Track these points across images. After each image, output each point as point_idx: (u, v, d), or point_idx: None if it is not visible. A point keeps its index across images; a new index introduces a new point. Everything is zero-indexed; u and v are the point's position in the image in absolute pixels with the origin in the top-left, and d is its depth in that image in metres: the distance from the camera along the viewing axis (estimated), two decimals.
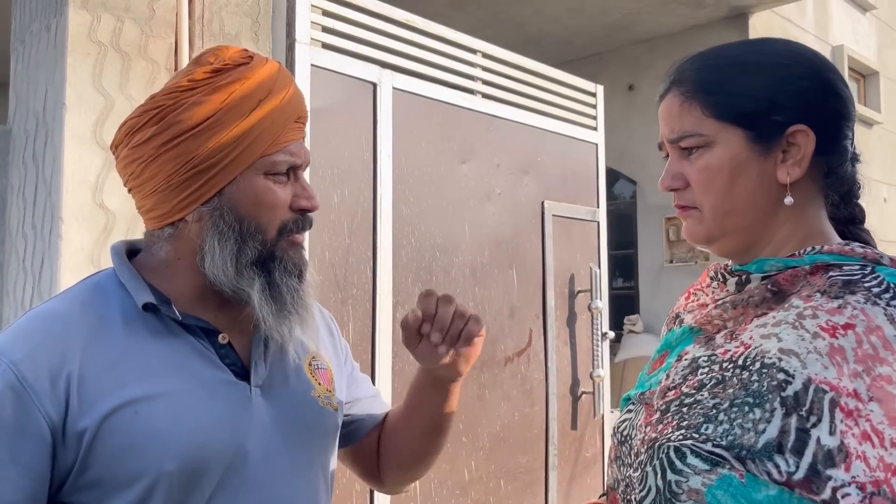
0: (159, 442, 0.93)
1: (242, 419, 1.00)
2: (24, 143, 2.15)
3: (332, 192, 2.42)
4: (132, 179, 1.03)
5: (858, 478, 0.74)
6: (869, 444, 0.75)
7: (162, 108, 0.98)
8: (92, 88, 1.96)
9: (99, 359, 0.94)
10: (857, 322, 0.79)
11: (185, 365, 0.99)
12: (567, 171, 3.34)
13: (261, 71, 1.02)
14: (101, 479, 0.92)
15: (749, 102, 0.89)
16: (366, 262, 2.52)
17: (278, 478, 1.03)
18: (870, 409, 0.75)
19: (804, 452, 0.77)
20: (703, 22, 6.94)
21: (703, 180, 0.92)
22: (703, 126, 0.91)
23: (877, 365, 0.77)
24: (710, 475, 0.80)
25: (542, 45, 7.07)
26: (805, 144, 0.89)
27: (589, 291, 3.37)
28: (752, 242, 0.94)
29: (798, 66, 0.91)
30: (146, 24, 2.05)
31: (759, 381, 0.82)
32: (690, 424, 0.84)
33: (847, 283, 0.84)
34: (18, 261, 2.13)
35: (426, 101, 2.76)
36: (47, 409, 0.90)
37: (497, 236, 3.01)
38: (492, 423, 2.92)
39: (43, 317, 0.97)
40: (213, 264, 1.00)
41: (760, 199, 0.91)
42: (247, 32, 2.24)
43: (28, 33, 2.19)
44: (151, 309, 0.99)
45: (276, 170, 1.01)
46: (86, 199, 1.93)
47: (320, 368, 1.14)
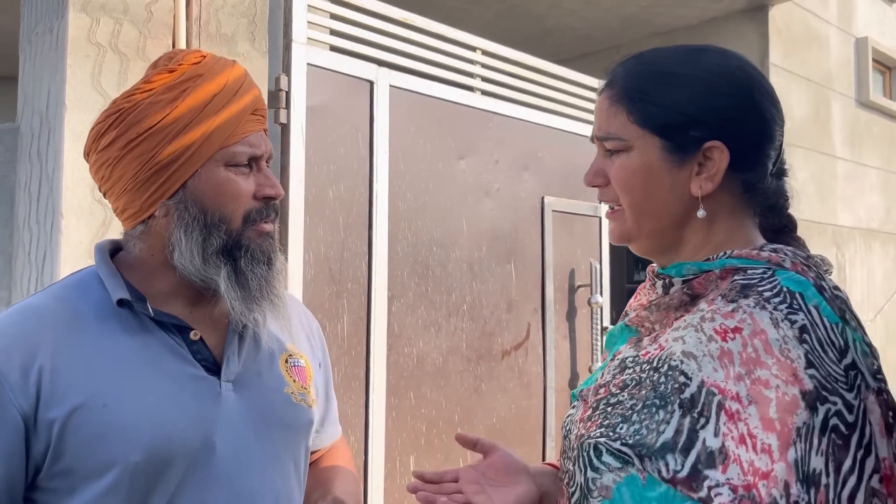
0: (126, 433, 0.98)
1: (210, 413, 1.04)
2: (30, 141, 2.24)
3: (328, 188, 2.48)
4: (104, 183, 1.09)
5: (732, 480, 0.77)
6: (744, 447, 0.77)
7: (122, 111, 1.04)
8: (91, 88, 2.03)
9: (71, 352, 1.00)
10: (745, 326, 0.82)
11: (156, 360, 1.04)
12: (568, 167, 3.36)
13: (213, 69, 1.07)
14: (72, 468, 0.98)
15: (669, 115, 0.92)
16: (361, 257, 2.58)
17: (248, 470, 1.06)
18: (748, 412, 0.78)
19: (690, 452, 0.80)
20: (722, 14, 6.89)
21: (620, 181, 0.95)
22: (624, 130, 0.94)
23: (757, 368, 0.79)
24: (620, 473, 0.85)
25: (560, 39, 7.07)
26: (719, 160, 0.91)
27: (589, 286, 3.40)
28: (666, 246, 0.97)
29: (725, 83, 0.93)
30: (144, 26, 2.12)
31: (664, 384, 0.85)
32: (610, 424, 0.88)
33: (744, 288, 0.86)
34: (25, 253, 2.22)
35: (424, 99, 2.81)
36: (19, 398, 0.96)
37: (495, 231, 3.05)
38: (488, 416, 2.97)
39: (21, 311, 1.03)
40: (181, 255, 1.04)
41: (673, 207, 0.94)
42: (243, 33, 2.31)
43: (34, 34, 2.27)
44: (126, 305, 1.04)
45: (235, 161, 1.06)
46: (85, 195, 2.01)
47: (296, 366, 1.18)
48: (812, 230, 6.56)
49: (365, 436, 2.54)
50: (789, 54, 7.10)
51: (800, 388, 0.77)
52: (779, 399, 0.77)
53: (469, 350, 2.91)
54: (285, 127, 2.39)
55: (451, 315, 2.86)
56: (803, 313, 0.81)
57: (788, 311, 0.81)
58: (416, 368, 2.73)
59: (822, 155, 7.38)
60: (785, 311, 0.81)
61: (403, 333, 2.69)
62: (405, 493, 2.68)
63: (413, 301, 2.74)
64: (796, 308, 0.82)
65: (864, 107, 8.40)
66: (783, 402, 0.77)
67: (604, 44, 7.50)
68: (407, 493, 2.68)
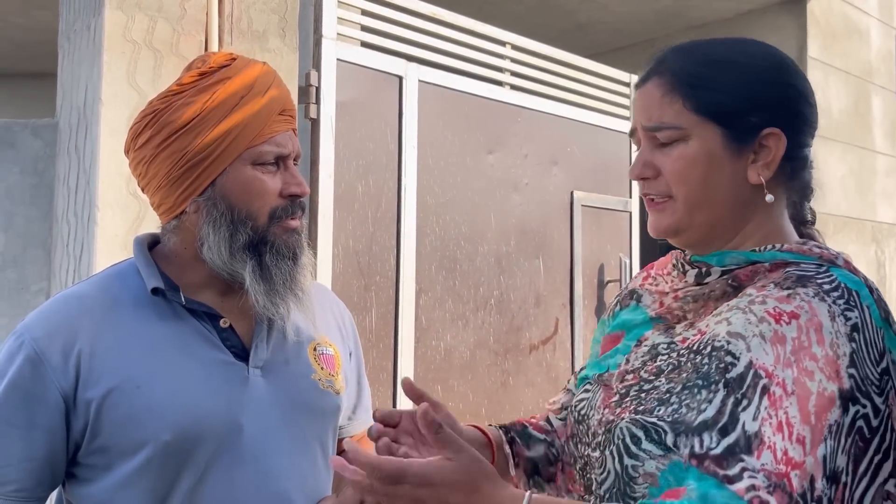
0: (157, 414, 1.04)
1: (238, 396, 1.09)
2: (69, 136, 2.30)
3: (357, 182, 2.51)
4: (141, 179, 1.15)
5: (766, 466, 0.78)
6: (780, 435, 0.78)
7: (156, 111, 1.09)
8: (126, 85, 2.09)
9: (109, 337, 1.06)
10: (802, 313, 0.82)
11: (187, 346, 1.09)
12: (598, 162, 3.35)
13: (243, 70, 1.11)
14: (108, 445, 1.04)
15: (731, 101, 0.91)
16: (389, 251, 2.60)
17: (274, 451, 1.11)
18: (790, 401, 0.79)
19: (728, 433, 0.80)
20: (759, 7, 6.78)
21: (677, 171, 0.92)
22: (681, 119, 0.91)
23: (806, 358, 0.80)
24: (663, 460, 0.85)
25: (593, 33, 7.02)
26: (776, 147, 0.91)
27: (618, 281, 3.39)
28: (717, 236, 0.95)
29: (779, 71, 0.93)
30: (178, 23, 2.17)
31: (708, 364, 0.85)
32: (646, 409, 0.88)
33: (801, 278, 0.86)
34: (63, 245, 2.28)
35: (453, 94, 2.82)
36: (60, 380, 1.03)
37: (524, 226, 3.05)
38: (515, 409, 2.98)
39: (65, 299, 1.11)
40: (209, 249, 1.10)
41: (731, 196, 0.93)
42: (274, 29, 2.34)
43: (72, 31, 2.33)
44: (160, 293, 1.10)
45: (263, 160, 1.10)
46: (120, 188, 2.06)
47: (324, 354, 1.22)
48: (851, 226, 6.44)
49: None
50: (828, 47, 6.97)
51: (839, 385, 0.78)
52: (819, 393, 0.78)
53: (496, 344, 2.93)
54: (315, 122, 2.42)
55: (478, 309, 2.87)
56: (857, 311, 0.82)
57: (846, 306, 0.82)
58: (444, 361, 2.75)
59: (861, 150, 7.24)
60: (843, 306, 0.82)
61: (431, 327, 2.72)
62: None
63: (441, 295, 2.76)
64: (853, 305, 0.82)
65: None
66: (822, 396, 0.78)
67: (637, 38, 7.43)
68: None
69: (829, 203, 6.08)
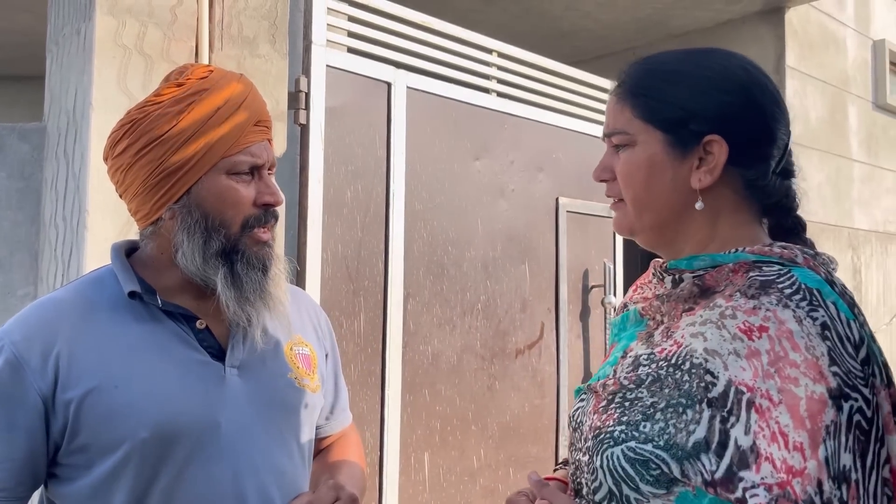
0: (134, 412, 1.07)
1: (215, 394, 1.12)
2: (57, 140, 2.29)
3: (346, 188, 2.53)
4: (119, 186, 1.18)
5: (766, 479, 0.79)
6: (776, 445, 0.79)
7: (134, 121, 1.13)
8: (117, 89, 2.09)
9: (86, 339, 1.09)
10: (770, 325, 0.83)
11: (164, 346, 1.12)
12: (582, 168, 3.39)
13: (219, 83, 1.14)
14: (88, 444, 1.07)
15: (670, 109, 0.96)
16: (378, 256, 2.62)
17: (252, 448, 1.14)
18: (779, 410, 0.80)
19: (724, 453, 0.82)
20: (738, 16, 6.88)
21: (624, 174, 0.98)
22: (630, 125, 0.98)
23: (786, 367, 0.81)
24: (668, 496, 0.87)
25: (576, 41, 7.09)
26: (718, 154, 0.94)
27: (603, 287, 3.43)
28: (669, 239, 0.99)
29: (724, 80, 0.96)
30: (168, 29, 2.17)
31: (689, 382, 0.87)
32: (630, 420, 0.90)
33: (763, 284, 0.88)
34: (51, 250, 2.28)
35: (440, 100, 2.85)
36: (38, 382, 1.06)
37: (510, 231, 3.08)
38: (501, 413, 3.01)
39: (42, 304, 1.14)
40: (183, 255, 1.13)
41: (674, 200, 0.96)
42: (264, 35, 2.36)
43: (61, 36, 2.33)
44: (137, 297, 1.12)
45: (237, 169, 1.14)
46: (110, 193, 2.06)
47: (301, 353, 1.26)
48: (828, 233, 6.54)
49: (380, 432, 2.58)
50: (805, 57, 7.09)
51: (826, 385, 0.79)
52: (808, 397, 0.79)
53: (483, 349, 2.95)
54: (304, 128, 2.43)
55: (465, 314, 2.89)
56: (823, 309, 0.84)
57: (810, 308, 0.83)
58: (431, 366, 2.76)
59: (838, 157, 7.35)
60: (806, 308, 0.83)
61: (419, 331, 2.73)
62: (420, 488, 2.72)
63: (428, 299, 2.77)
64: (816, 304, 0.84)
65: (880, 109, 8.36)
66: (812, 400, 0.79)
67: (619, 46, 7.51)
68: (421, 486, 2.73)
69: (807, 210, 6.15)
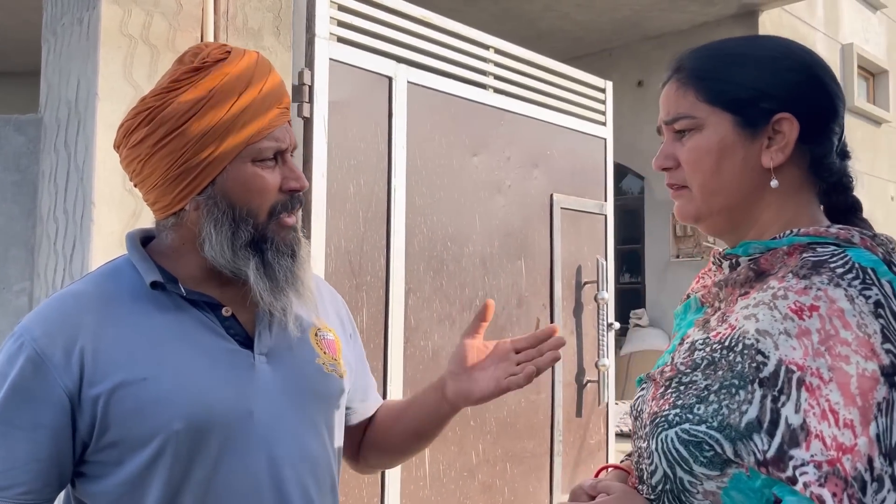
0: (166, 404, 1.03)
1: (245, 383, 1.09)
2: (56, 131, 2.24)
3: (349, 182, 2.51)
4: (135, 176, 1.12)
5: (816, 456, 0.79)
6: (826, 422, 0.79)
7: (151, 109, 1.06)
8: (123, 80, 2.05)
9: (110, 332, 1.05)
10: (821, 304, 0.83)
11: (190, 336, 1.08)
12: (576, 165, 3.41)
13: (239, 64, 1.08)
14: (118, 440, 1.03)
15: (739, 90, 0.95)
16: (380, 251, 2.61)
17: (285, 437, 1.11)
18: (829, 388, 0.79)
19: (775, 432, 0.82)
20: (713, 19, 6.99)
21: (692, 160, 0.97)
22: (695, 109, 0.96)
23: (837, 345, 0.81)
24: (722, 478, 0.87)
25: (553, 41, 7.14)
26: (789, 132, 0.94)
27: (596, 283, 3.46)
28: (737, 223, 0.99)
29: (789, 60, 0.97)
30: (174, 19, 2.14)
31: (741, 363, 0.87)
32: (685, 404, 0.90)
33: (815, 265, 0.87)
34: (50, 244, 2.22)
35: (440, 95, 2.85)
36: (63, 379, 1.01)
37: (507, 227, 3.09)
38: (499, 409, 3.01)
39: (62, 298, 1.09)
40: (211, 248, 1.08)
41: (745, 181, 0.96)
42: (269, 27, 2.33)
43: (60, 25, 2.28)
44: (159, 287, 1.08)
45: (262, 156, 1.09)
46: (116, 185, 2.03)
47: (325, 339, 1.23)
48: None
49: None
50: None
51: (878, 363, 0.79)
52: (859, 375, 0.79)
53: None
54: (308, 121, 2.41)
55: (464, 309, 2.89)
56: (877, 288, 0.83)
57: (862, 286, 0.83)
58: (432, 361, 2.76)
59: None
60: (859, 286, 0.83)
61: (420, 327, 2.73)
62: (420, 484, 2.72)
63: (429, 295, 2.77)
64: (869, 283, 0.84)
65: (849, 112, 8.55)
66: (863, 377, 0.79)
67: (595, 47, 7.58)
68: (422, 482, 2.72)
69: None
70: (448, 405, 1.24)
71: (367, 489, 2.54)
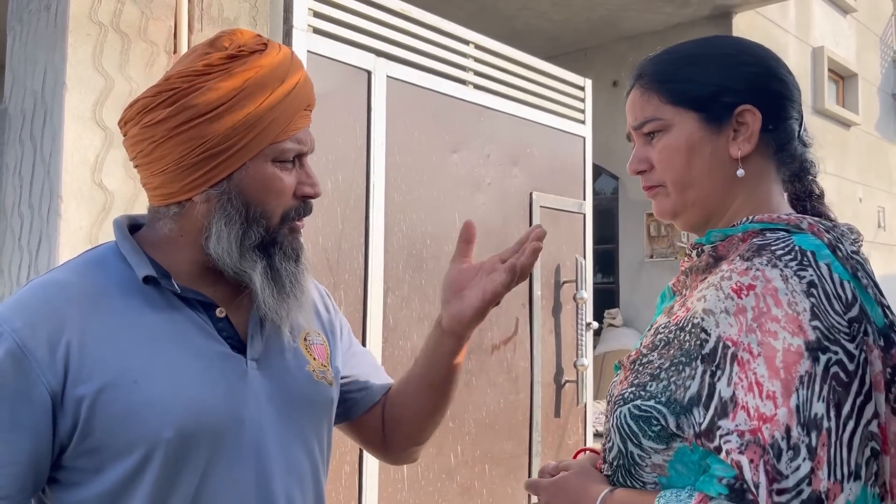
0: (157, 410, 0.96)
1: (238, 390, 1.03)
2: (21, 123, 2.15)
3: (327, 177, 2.45)
4: (140, 157, 1.04)
5: (740, 426, 0.83)
6: (751, 394, 0.83)
7: (177, 90, 1.00)
8: (92, 69, 1.97)
9: (98, 328, 0.97)
10: (758, 283, 0.88)
11: (183, 336, 1.02)
12: (555, 164, 3.38)
13: (274, 59, 1.03)
14: (101, 445, 0.95)
15: (700, 88, 1.00)
16: (358, 248, 2.55)
17: (275, 447, 1.06)
18: (757, 362, 0.84)
19: (710, 405, 0.86)
20: (687, 20, 7.02)
21: (664, 160, 1.02)
22: (661, 111, 1.02)
23: (768, 321, 0.85)
24: (668, 452, 0.91)
25: (529, 40, 7.12)
26: (753, 122, 0.99)
27: (574, 282, 3.43)
28: (710, 214, 1.03)
29: (744, 55, 1.02)
30: (146, 6, 2.07)
31: (689, 341, 0.91)
32: (640, 382, 0.94)
33: (759, 248, 0.92)
34: (14, 239, 2.13)
35: (419, 91, 2.79)
36: (47, 375, 0.93)
37: (486, 226, 3.05)
38: (478, 409, 2.97)
39: (44, 286, 1.00)
40: (217, 245, 1.02)
41: (716, 173, 1.01)
42: (245, 17, 2.26)
43: (26, 12, 2.19)
44: (151, 282, 1.01)
45: (284, 157, 1.04)
46: (85, 178, 1.95)
47: (315, 344, 1.17)
48: None
49: None
50: None
51: (804, 338, 0.83)
52: (785, 349, 0.83)
53: None
54: None
55: None
56: (812, 269, 0.87)
57: (798, 267, 0.88)
58: (411, 361, 2.69)
59: None
60: (795, 267, 0.88)
61: (398, 326, 2.67)
62: (398, 486, 2.66)
63: (408, 294, 2.72)
64: (805, 265, 0.88)
65: (819, 114, 8.66)
66: (788, 352, 0.83)
67: (572, 46, 7.59)
68: (400, 485, 2.67)
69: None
70: (448, 337, 1.19)
71: (345, 492, 2.48)
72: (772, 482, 0.80)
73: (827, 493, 0.79)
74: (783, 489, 0.79)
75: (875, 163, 10.08)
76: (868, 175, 9.85)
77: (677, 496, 0.88)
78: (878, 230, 10.01)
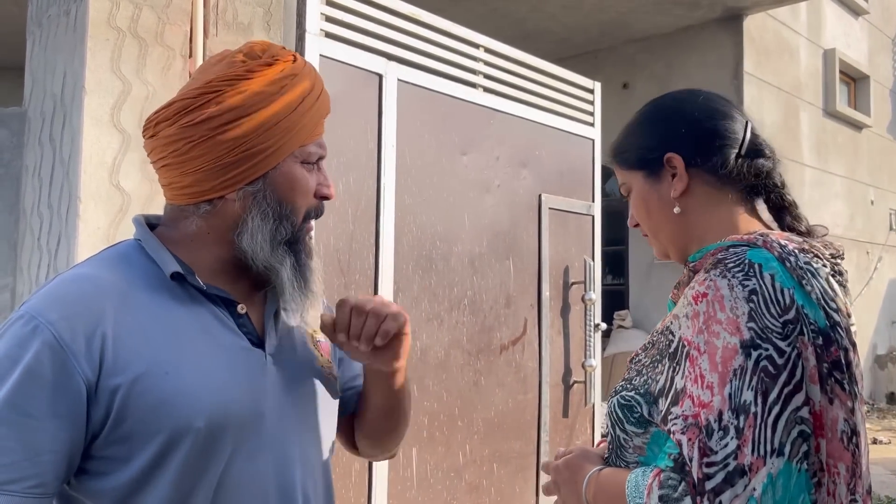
0: (189, 400, 1.00)
1: (259, 383, 1.08)
2: (41, 125, 2.20)
3: (338, 179, 2.49)
4: (174, 156, 1.08)
5: (685, 412, 0.98)
6: (696, 385, 0.98)
7: (221, 91, 1.05)
8: (110, 73, 2.02)
9: (130, 320, 1.01)
10: (710, 291, 1.02)
11: (208, 331, 1.06)
12: (564, 166, 3.41)
13: (304, 68, 1.12)
14: (133, 434, 0.99)
15: (638, 152, 1.21)
16: (368, 249, 2.59)
17: (292, 439, 1.11)
18: (703, 358, 0.99)
19: (669, 395, 1.02)
20: (698, 23, 7.03)
21: (634, 214, 1.23)
22: (623, 177, 1.24)
23: (713, 324, 0.99)
24: (646, 436, 1.07)
25: (539, 42, 7.14)
26: (679, 165, 1.16)
27: (583, 283, 3.46)
28: (684, 246, 1.19)
29: (660, 112, 1.21)
30: (163, 12, 2.11)
31: (662, 342, 1.08)
32: (629, 377, 1.11)
33: (717, 262, 1.05)
34: (33, 239, 2.18)
35: (429, 94, 2.83)
36: (83, 366, 0.97)
37: (495, 227, 3.08)
38: (486, 409, 3.00)
39: (76, 280, 1.03)
40: (251, 240, 1.07)
41: (668, 214, 1.18)
42: (259, 22, 2.31)
43: (45, 17, 2.24)
44: (177, 278, 1.06)
45: (309, 159, 1.12)
46: (103, 179, 1.99)
47: (320, 342, 1.23)
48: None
49: None
50: (762, 63, 7.28)
51: (739, 338, 0.97)
52: (724, 347, 0.97)
53: (469, 344, 2.94)
54: None
55: (452, 309, 2.88)
56: (756, 279, 1.00)
57: (743, 277, 1.01)
58: (420, 361, 2.74)
59: (791, 162, 7.57)
60: (741, 277, 1.01)
61: None
62: (408, 483, 2.70)
63: (417, 294, 2.75)
64: (751, 275, 1.01)
65: (830, 116, 8.65)
66: (727, 349, 0.97)
67: (582, 48, 7.60)
68: (409, 482, 2.71)
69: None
70: (367, 369, 1.20)
71: (355, 489, 2.52)
72: (703, 456, 0.94)
73: (750, 466, 0.93)
74: (712, 462, 0.93)
75: (887, 165, 10.04)
76: (880, 177, 9.82)
77: (643, 472, 1.02)
78: (889, 232, 9.96)
